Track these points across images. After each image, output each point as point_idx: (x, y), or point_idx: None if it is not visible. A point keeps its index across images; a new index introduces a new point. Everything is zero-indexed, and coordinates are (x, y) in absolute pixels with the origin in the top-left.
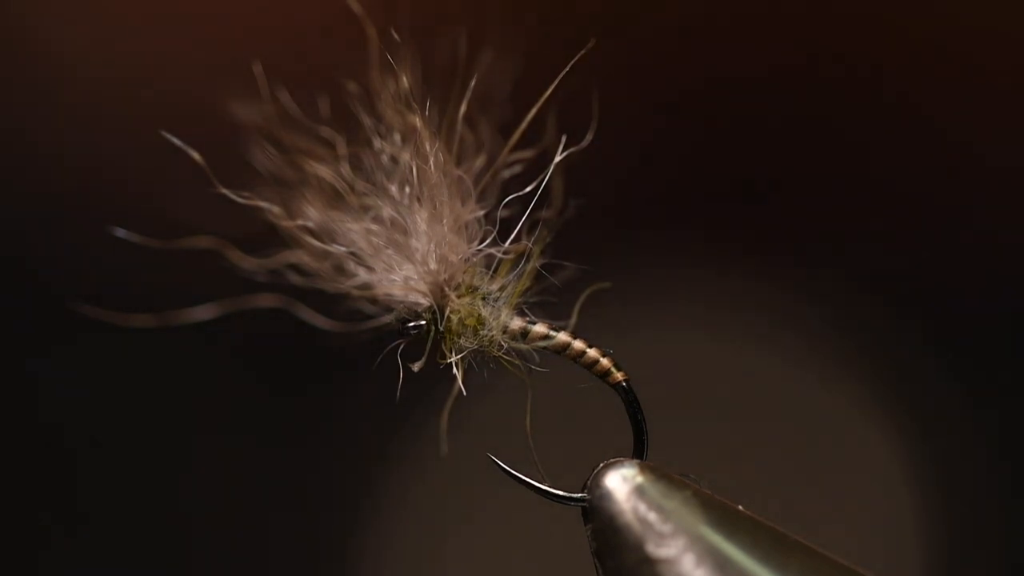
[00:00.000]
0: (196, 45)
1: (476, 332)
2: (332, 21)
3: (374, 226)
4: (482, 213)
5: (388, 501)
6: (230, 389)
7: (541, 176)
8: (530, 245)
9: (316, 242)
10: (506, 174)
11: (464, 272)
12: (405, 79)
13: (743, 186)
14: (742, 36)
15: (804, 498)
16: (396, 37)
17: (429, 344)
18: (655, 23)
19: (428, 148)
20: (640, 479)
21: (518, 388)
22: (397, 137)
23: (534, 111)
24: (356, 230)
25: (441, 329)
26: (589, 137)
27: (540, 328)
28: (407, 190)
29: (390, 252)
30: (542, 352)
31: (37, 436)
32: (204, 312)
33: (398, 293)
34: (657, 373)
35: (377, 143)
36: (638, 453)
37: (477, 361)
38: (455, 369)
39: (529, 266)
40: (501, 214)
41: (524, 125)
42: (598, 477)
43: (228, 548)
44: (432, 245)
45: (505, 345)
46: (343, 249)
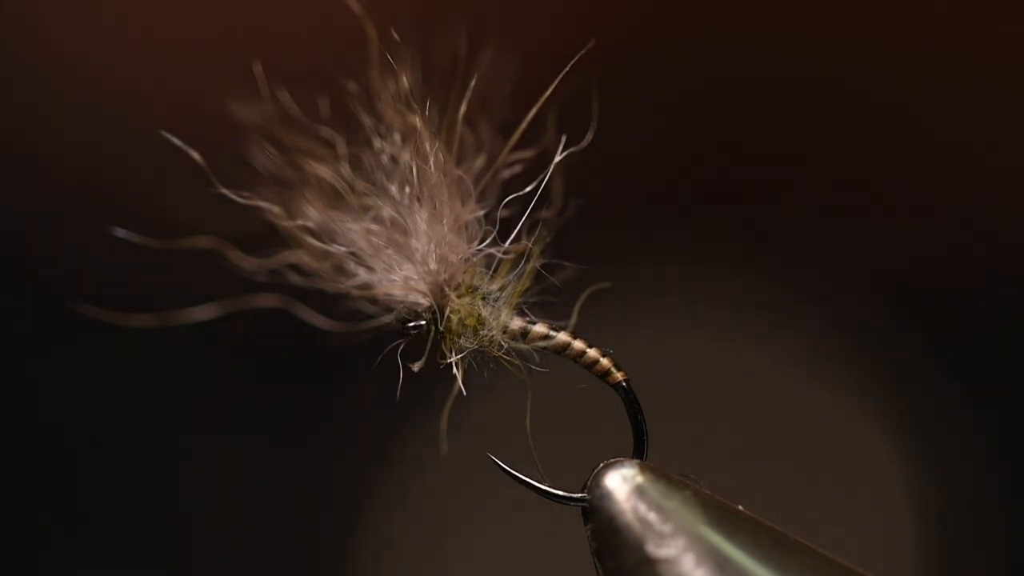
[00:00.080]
0: (196, 45)
1: (476, 332)
2: (332, 21)
3: (374, 226)
4: (482, 213)
5: (388, 501)
6: (230, 389)
7: (541, 176)
8: (530, 245)
9: (316, 242)
10: (506, 174)
11: (464, 272)
12: (405, 79)
13: (743, 186)
14: (743, 35)
15: (804, 498)
16: (396, 37)
17: (429, 344)
18: (657, 22)
19: (428, 148)
20: (640, 479)
21: (518, 388)
22: (397, 137)
23: (534, 111)
24: (356, 230)
25: (441, 329)
26: (589, 137)
27: (540, 328)
28: (407, 190)
29: (390, 252)
30: (542, 352)
31: (37, 436)
32: (204, 312)
33: (398, 293)
34: (657, 373)
35: (377, 143)
36: (638, 453)
37: (477, 361)
38: (455, 369)
39: (529, 266)
40: (501, 214)
41: (524, 125)
42: (598, 477)
43: (228, 548)
44: (432, 245)
45: (505, 345)
46: (343, 249)
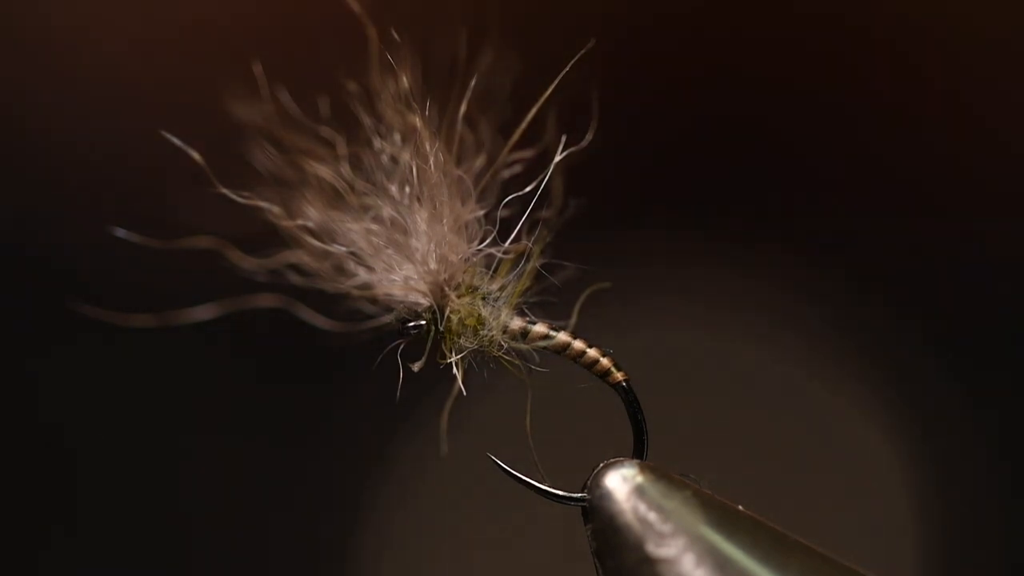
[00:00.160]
0: (196, 45)
1: (476, 332)
2: (332, 21)
3: (374, 226)
4: (482, 213)
5: (388, 501)
6: (230, 389)
7: (541, 176)
8: (530, 245)
9: (316, 242)
10: (506, 174)
11: (464, 272)
12: (405, 79)
13: (742, 184)
14: (746, 30)
15: (804, 497)
16: (396, 37)
17: (429, 344)
18: (658, 18)
19: (428, 148)
20: (640, 479)
21: (518, 388)
22: (397, 137)
23: (534, 111)
24: (356, 230)
25: (441, 329)
26: (589, 137)
27: (540, 328)
28: (407, 190)
29: (390, 252)
30: (542, 352)
31: (37, 436)
32: (204, 312)
33: (398, 293)
34: (658, 373)
35: (377, 143)
36: (638, 453)
37: (477, 361)
38: (455, 369)
39: (529, 266)
40: (501, 214)
41: (524, 125)
42: (598, 477)
43: (228, 548)
44: (432, 245)
45: (505, 345)
46: (343, 249)
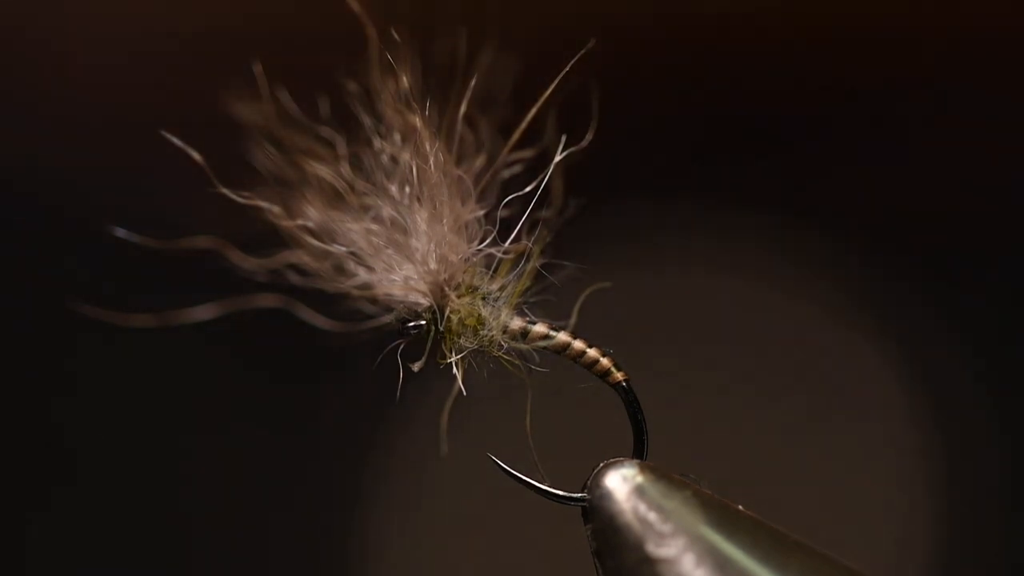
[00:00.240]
0: (196, 45)
1: (476, 332)
2: (332, 21)
3: (374, 226)
4: (482, 213)
5: (388, 501)
6: (230, 389)
7: (541, 176)
8: (530, 245)
9: (316, 242)
10: (506, 174)
11: (464, 272)
12: (405, 79)
13: (752, 155)
14: None
15: (803, 496)
16: (396, 37)
17: (429, 344)
18: None
19: (428, 148)
20: (640, 479)
21: (518, 388)
22: (397, 137)
23: (534, 111)
24: (356, 230)
25: (441, 329)
26: (589, 136)
27: (540, 328)
28: (407, 190)
29: (390, 252)
30: (542, 352)
31: (37, 436)
32: (204, 312)
33: (398, 293)
34: (658, 371)
35: (377, 143)
36: (638, 453)
37: (477, 361)
38: (455, 369)
39: (529, 266)
40: (501, 214)
41: (524, 125)
42: (598, 477)
43: (228, 548)
44: (432, 245)
45: (505, 345)
46: (343, 249)
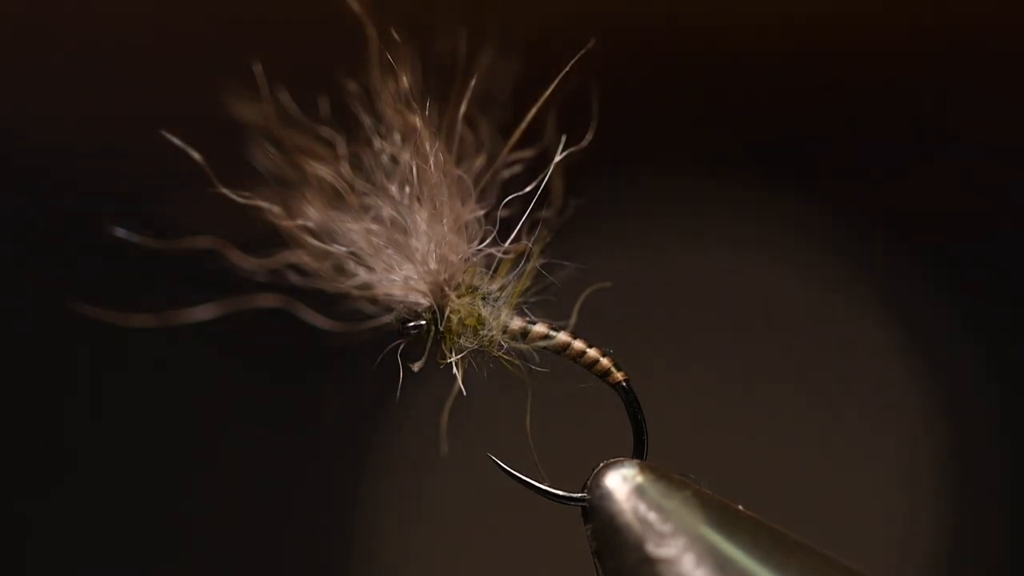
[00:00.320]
0: (196, 45)
1: (476, 332)
2: (332, 21)
3: (374, 226)
4: (482, 213)
5: (388, 501)
6: (230, 389)
7: (541, 176)
8: (530, 245)
9: (316, 242)
10: (506, 174)
11: (464, 272)
12: (405, 79)
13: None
14: None
15: (804, 496)
16: (396, 37)
17: (429, 344)
18: None
19: (428, 148)
20: (640, 479)
21: (518, 388)
22: (397, 137)
23: (534, 111)
24: (356, 230)
25: (441, 329)
26: (589, 136)
27: (540, 328)
28: (407, 190)
29: (390, 252)
30: (542, 352)
31: (37, 436)
32: (204, 312)
33: (398, 293)
34: (658, 371)
35: (377, 143)
36: (638, 453)
37: (477, 361)
38: (455, 369)
39: (529, 266)
40: (501, 214)
41: (524, 125)
42: (598, 477)
43: (228, 548)
44: (432, 245)
45: (505, 345)
46: (343, 249)
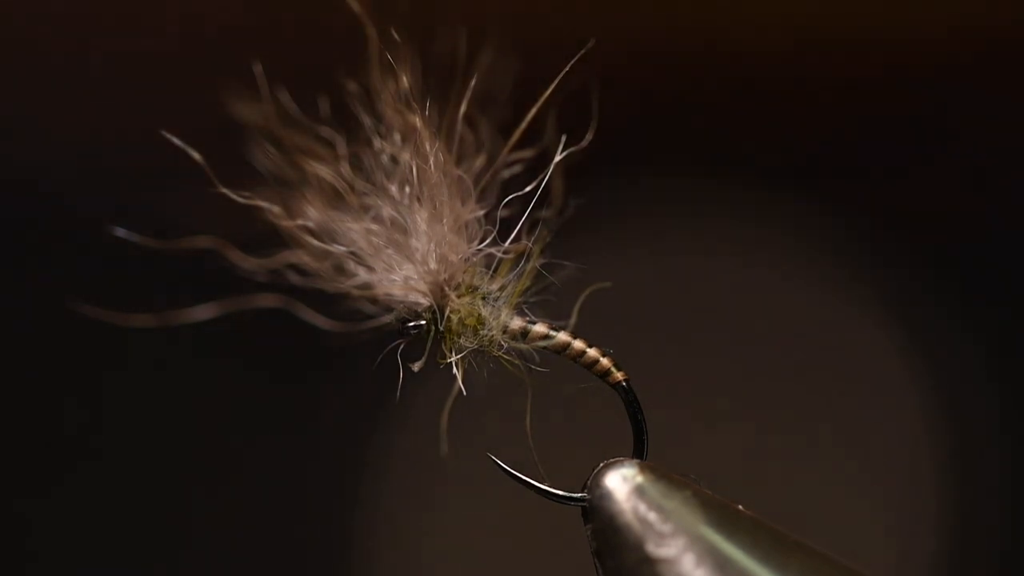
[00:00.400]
0: (196, 44)
1: (476, 332)
2: (332, 21)
3: (374, 226)
4: (482, 213)
5: (388, 501)
6: (230, 389)
7: (541, 176)
8: (530, 245)
9: (316, 242)
10: (506, 174)
11: (464, 272)
12: (405, 79)
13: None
14: None
15: (804, 496)
16: (396, 37)
17: (429, 344)
18: None
19: (428, 148)
20: (640, 479)
21: (518, 388)
22: (397, 137)
23: (534, 111)
24: (356, 230)
25: (441, 329)
26: (589, 137)
27: (540, 328)
28: (407, 190)
29: (390, 252)
30: (542, 352)
31: (37, 436)
32: (204, 312)
33: (398, 293)
34: (659, 371)
35: (377, 143)
36: (638, 453)
37: (477, 361)
38: (455, 369)
39: (529, 266)
40: (501, 214)
41: (524, 125)
42: (598, 477)
43: (228, 548)
44: (432, 245)
45: (505, 345)
46: (343, 249)
